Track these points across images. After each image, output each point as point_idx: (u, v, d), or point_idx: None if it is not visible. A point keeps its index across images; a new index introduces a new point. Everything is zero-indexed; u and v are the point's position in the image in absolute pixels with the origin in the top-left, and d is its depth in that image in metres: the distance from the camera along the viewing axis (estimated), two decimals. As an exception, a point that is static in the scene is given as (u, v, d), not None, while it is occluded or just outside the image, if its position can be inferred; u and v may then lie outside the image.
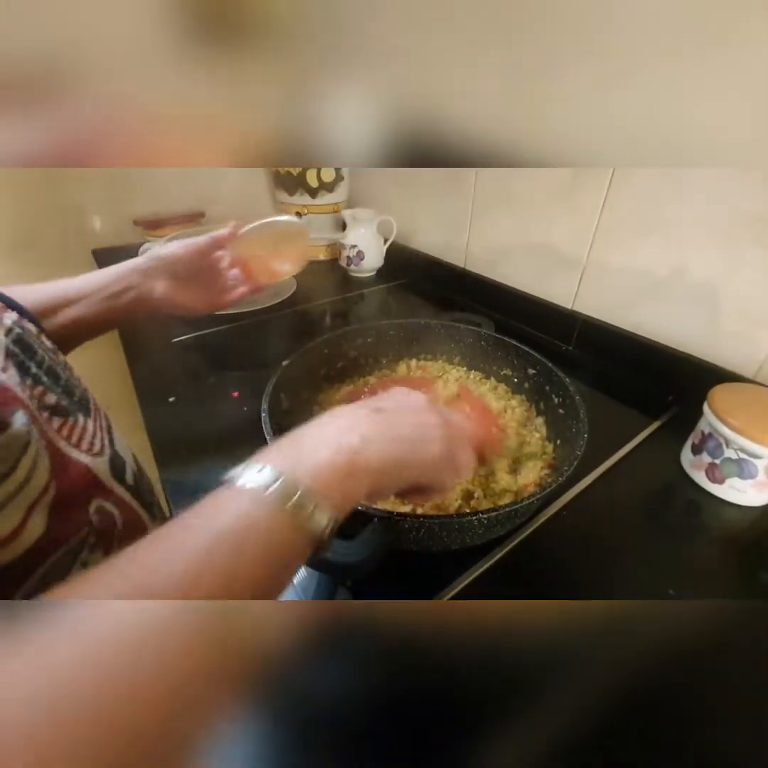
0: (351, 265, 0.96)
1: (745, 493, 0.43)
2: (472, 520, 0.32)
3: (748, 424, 0.41)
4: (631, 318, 0.64)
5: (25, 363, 0.26)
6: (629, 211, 0.60)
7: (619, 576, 0.38)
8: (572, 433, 0.42)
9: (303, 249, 0.51)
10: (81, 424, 0.29)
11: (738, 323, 0.53)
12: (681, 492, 0.46)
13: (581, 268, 0.68)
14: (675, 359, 0.58)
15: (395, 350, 0.61)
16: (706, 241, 0.54)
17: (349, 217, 0.93)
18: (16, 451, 0.21)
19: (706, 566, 0.39)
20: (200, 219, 1.01)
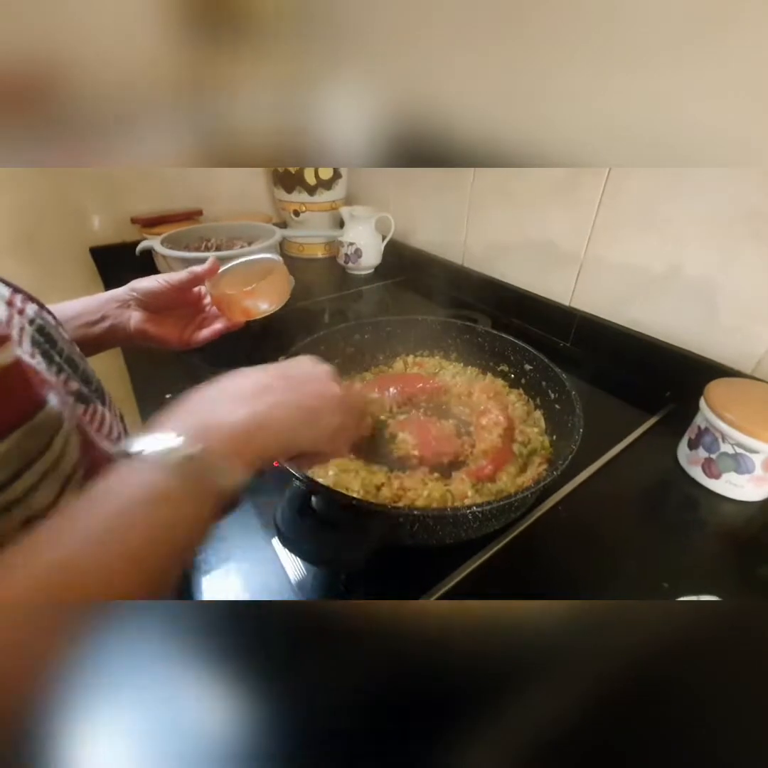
0: (349, 263, 0.96)
1: (742, 488, 0.43)
2: (467, 513, 0.32)
3: (744, 418, 0.41)
4: (628, 314, 0.64)
5: (49, 351, 0.27)
6: (626, 208, 0.60)
7: (615, 570, 0.38)
8: (568, 428, 0.42)
9: (282, 287, 0.51)
10: (100, 411, 0.30)
11: (735, 319, 0.53)
12: (677, 487, 0.46)
13: (578, 265, 0.68)
14: (672, 355, 0.58)
15: (392, 346, 0.61)
16: (703, 238, 0.54)
17: (347, 214, 0.93)
18: (51, 430, 0.22)
19: (701, 562, 0.39)
20: (198, 217, 1.00)
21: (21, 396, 0.21)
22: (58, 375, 0.27)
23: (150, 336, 0.44)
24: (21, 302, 0.28)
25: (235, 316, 0.48)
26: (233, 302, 0.47)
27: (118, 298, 0.43)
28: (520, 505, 0.37)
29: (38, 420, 0.21)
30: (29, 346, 0.25)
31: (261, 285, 0.48)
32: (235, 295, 0.47)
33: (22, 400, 0.21)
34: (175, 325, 0.47)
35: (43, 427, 0.22)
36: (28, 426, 0.21)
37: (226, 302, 0.47)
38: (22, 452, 0.21)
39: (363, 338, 0.58)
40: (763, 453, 0.41)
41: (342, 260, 0.96)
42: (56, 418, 0.23)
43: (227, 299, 0.47)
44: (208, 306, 0.49)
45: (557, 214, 0.68)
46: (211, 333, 0.48)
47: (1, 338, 0.20)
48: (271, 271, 0.50)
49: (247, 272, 0.50)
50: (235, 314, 0.48)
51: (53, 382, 0.25)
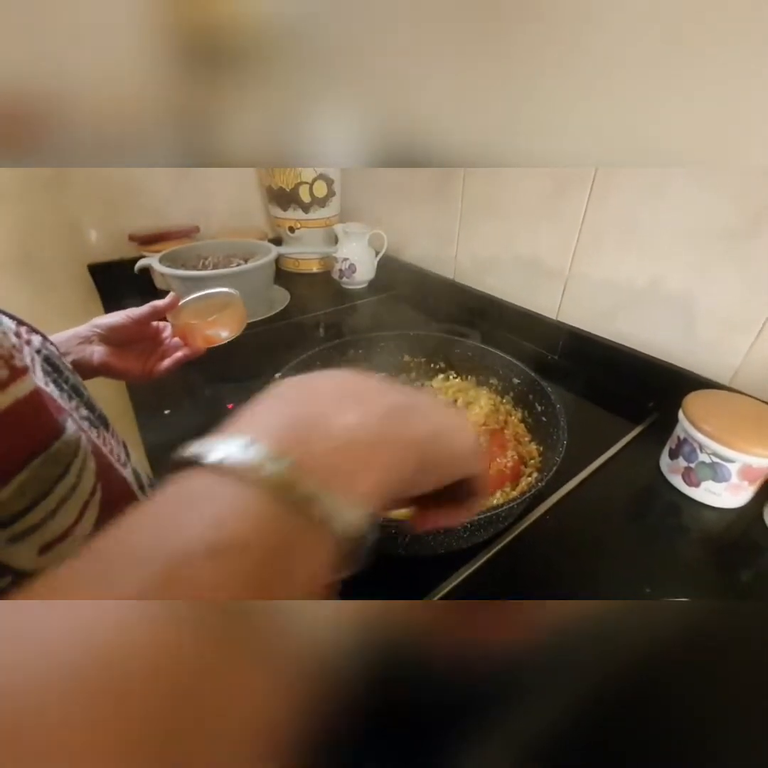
0: (343, 278, 0.98)
1: (719, 495, 0.45)
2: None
3: (720, 429, 0.43)
4: (612, 327, 0.66)
5: (58, 380, 0.28)
6: (608, 224, 0.63)
7: (599, 576, 0.39)
8: (554, 440, 0.44)
9: (238, 316, 0.56)
10: (108, 437, 0.32)
11: (713, 332, 0.56)
12: (660, 495, 0.48)
13: (564, 280, 0.70)
14: (655, 367, 0.61)
15: (386, 361, 0.62)
16: (682, 254, 0.56)
17: (341, 231, 0.95)
18: (68, 457, 0.23)
19: (682, 567, 0.41)
20: (195, 234, 1.03)
21: (40, 425, 0.22)
22: (70, 402, 0.28)
23: (114, 369, 0.46)
24: (26, 333, 0.29)
25: (198, 343, 0.51)
26: (196, 331, 0.51)
27: (79, 335, 0.44)
28: (507, 515, 0.38)
29: (56, 448, 0.22)
30: (42, 375, 0.26)
31: (222, 315, 0.53)
32: (199, 324, 0.51)
33: (41, 429, 0.22)
34: (137, 358, 0.49)
35: (61, 455, 0.23)
36: (46, 454, 0.22)
37: (190, 331, 0.51)
38: (40, 481, 0.21)
39: (357, 353, 0.60)
40: (738, 462, 0.43)
41: (337, 275, 0.99)
42: (73, 445, 0.24)
43: (191, 328, 0.51)
44: (168, 338, 0.51)
45: (544, 230, 0.71)
46: (172, 362, 0.50)
47: (21, 369, 0.21)
48: (229, 304, 0.55)
49: (205, 305, 0.54)
50: (198, 342, 0.51)
51: (68, 408, 0.26)
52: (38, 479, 0.21)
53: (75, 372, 0.33)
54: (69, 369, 0.32)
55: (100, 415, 0.33)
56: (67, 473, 0.23)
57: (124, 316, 0.46)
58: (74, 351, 0.43)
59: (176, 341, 0.51)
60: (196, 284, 0.72)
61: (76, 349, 0.43)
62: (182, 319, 0.51)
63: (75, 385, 0.31)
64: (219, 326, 0.52)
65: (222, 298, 0.56)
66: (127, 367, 0.47)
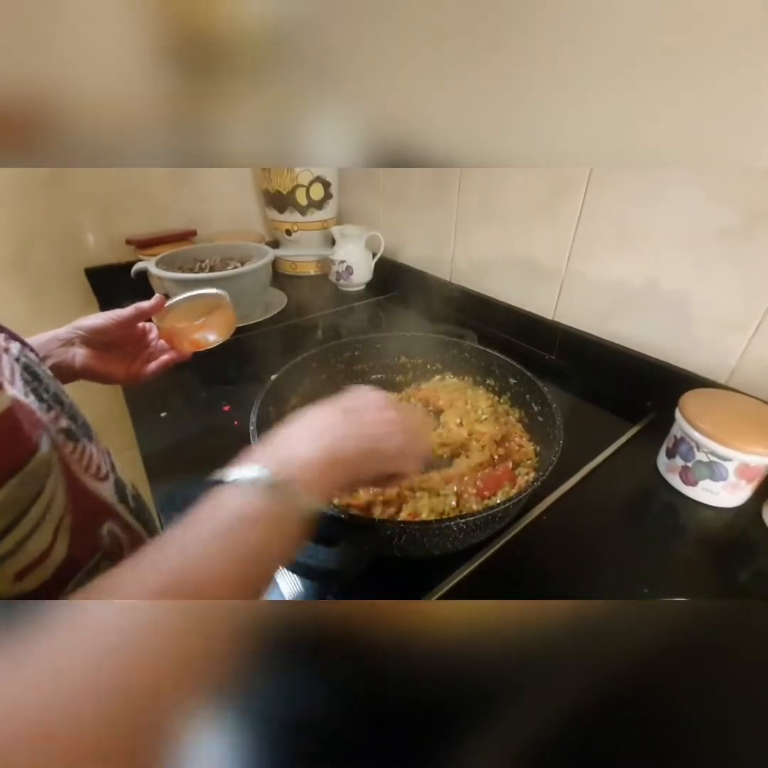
0: (340, 280, 0.98)
1: (717, 494, 0.45)
2: (451, 525, 0.33)
3: (717, 428, 0.43)
4: (608, 327, 0.66)
5: (38, 389, 0.27)
6: (603, 225, 0.63)
7: (597, 576, 0.39)
8: (551, 439, 0.44)
9: (227, 319, 0.53)
10: (88, 449, 0.30)
11: (709, 331, 0.56)
12: (658, 494, 0.48)
13: (560, 280, 0.70)
14: (651, 366, 0.60)
15: (382, 363, 0.62)
16: (677, 253, 0.56)
17: (338, 233, 0.95)
18: (42, 475, 0.23)
19: (680, 567, 0.41)
20: (192, 237, 1.03)
21: (15, 443, 0.21)
22: (48, 413, 0.27)
23: (97, 373, 0.44)
24: (5, 341, 0.27)
25: (185, 347, 0.49)
26: (183, 335, 0.49)
27: (60, 337, 0.42)
28: (503, 516, 0.38)
29: (32, 466, 0.21)
30: (21, 385, 0.25)
31: (210, 318, 0.50)
32: (186, 327, 0.49)
33: (16, 447, 0.21)
34: (122, 361, 0.47)
35: (37, 473, 0.22)
36: (22, 473, 0.21)
37: (176, 335, 0.49)
38: (17, 501, 0.20)
39: (353, 355, 0.60)
40: (735, 461, 0.42)
41: (334, 277, 0.99)
42: (47, 462, 0.23)
43: (177, 332, 0.48)
44: (154, 340, 0.49)
45: (540, 231, 0.71)
46: (159, 365, 0.48)
47: None
48: (218, 306, 0.52)
49: (192, 307, 0.52)
50: (185, 346, 0.49)
51: (45, 421, 0.25)
52: (15, 500, 0.20)
53: (56, 378, 0.32)
54: (50, 376, 0.30)
55: (84, 423, 0.32)
56: (42, 492, 0.22)
57: (108, 317, 0.44)
58: (55, 354, 0.41)
59: (163, 344, 0.49)
60: (193, 287, 0.72)
61: (57, 352, 0.41)
62: (168, 322, 0.49)
63: (56, 393, 0.30)
64: (207, 330, 0.50)
65: (210, 299, 0.54)
66: (110, 371, 0.45)
